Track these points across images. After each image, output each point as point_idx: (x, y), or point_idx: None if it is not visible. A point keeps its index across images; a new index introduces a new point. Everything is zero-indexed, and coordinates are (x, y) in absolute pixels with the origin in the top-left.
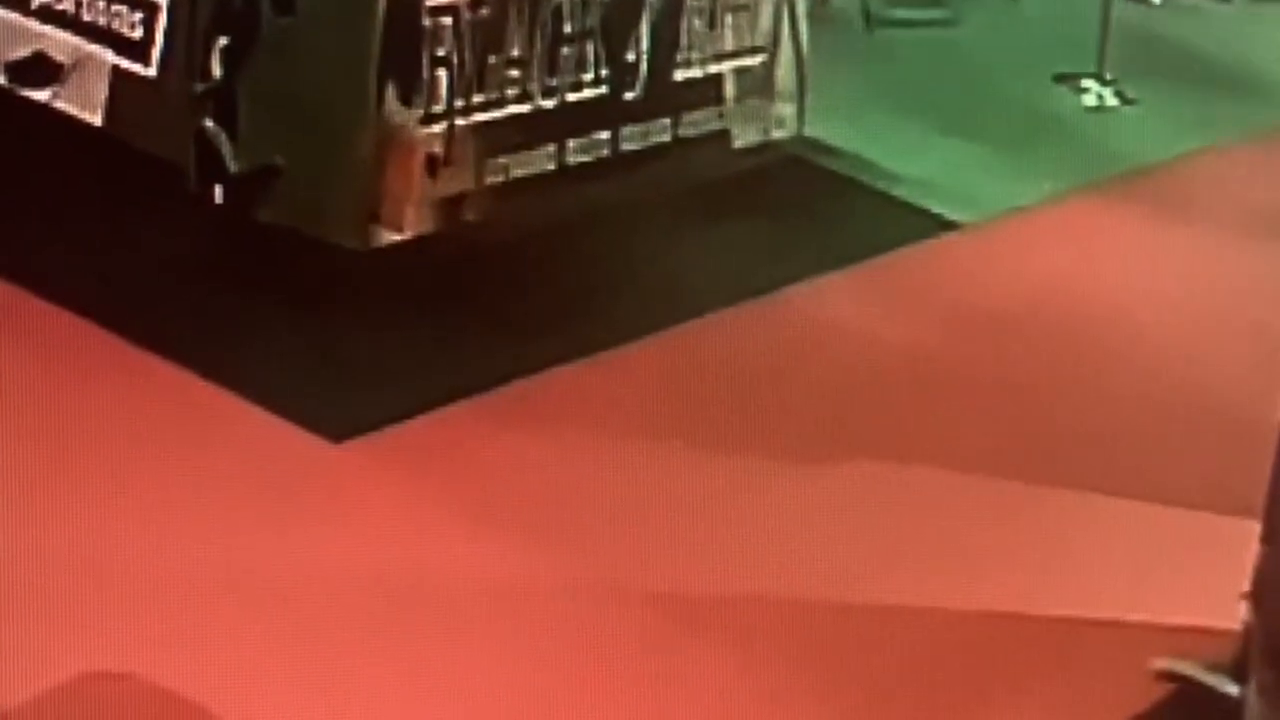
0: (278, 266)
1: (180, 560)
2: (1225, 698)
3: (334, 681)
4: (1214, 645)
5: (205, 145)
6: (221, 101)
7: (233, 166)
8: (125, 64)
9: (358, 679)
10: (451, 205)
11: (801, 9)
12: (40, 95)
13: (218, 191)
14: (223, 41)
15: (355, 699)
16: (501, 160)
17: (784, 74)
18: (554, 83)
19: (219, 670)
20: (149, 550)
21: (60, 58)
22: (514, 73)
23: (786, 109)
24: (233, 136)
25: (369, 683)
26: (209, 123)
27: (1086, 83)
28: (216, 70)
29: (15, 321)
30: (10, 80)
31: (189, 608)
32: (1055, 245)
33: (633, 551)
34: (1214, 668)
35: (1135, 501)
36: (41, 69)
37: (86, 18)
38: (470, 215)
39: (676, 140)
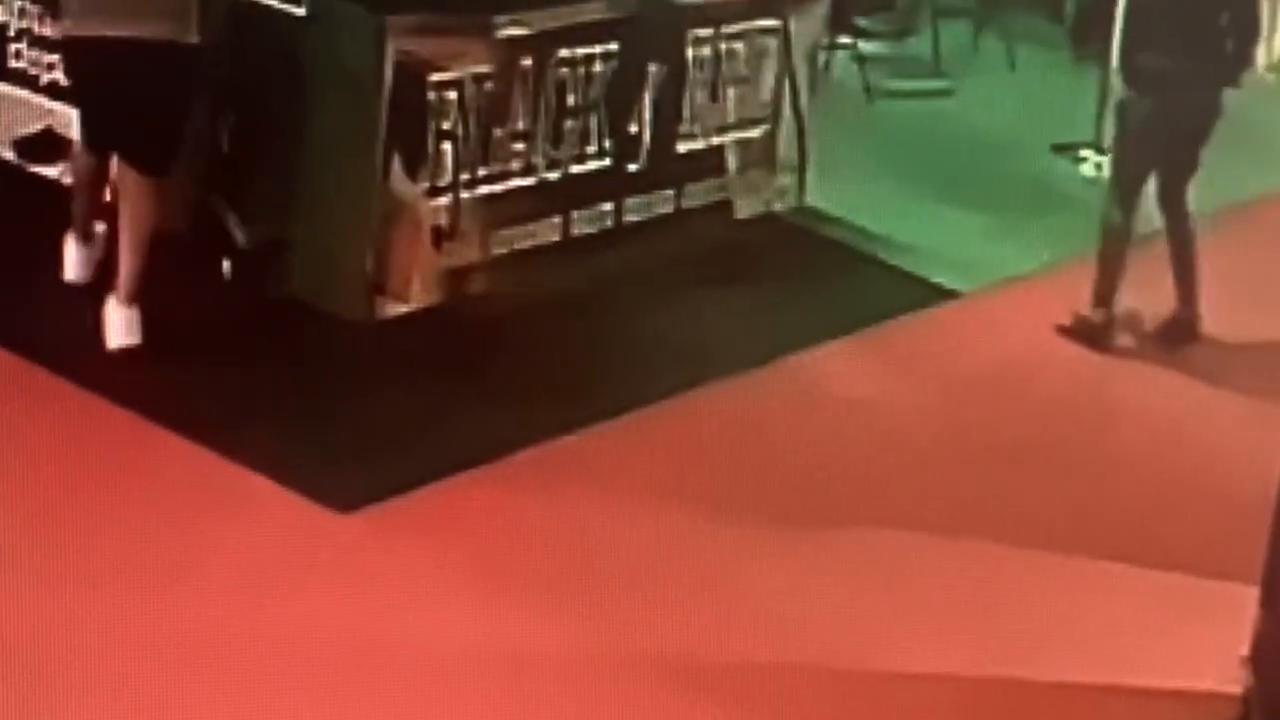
0: (284, 339)
1: (188, 629)
2: None
3: None
4: (1215, 709)
5: (212, 220)
6: (229, 177)
7: (240, 241)
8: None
9: None
10: (457, 277)
11: (803, 81)
12: (49, 171)
13: (225, 266)
14: (230, 118)
15: None
16: (506, 232)
17: (785, 145)
18: (558, 155)
19: None
20: (156, 620)
21: (69, 134)
22: (518, 146)
23: (788, 179)
24: (240, 212)
25: None
26: (216, 198)
27: (1085, 152)
28: (224, 146)
29: (22, 394)
30: (19, 156)
31: (197, 675)
32: (1054, 314)
33: (640, 619)
34: None
35: (1135, 567)
36: (50, 145)
37: None
38: (476, 287)
39: (679, 211)
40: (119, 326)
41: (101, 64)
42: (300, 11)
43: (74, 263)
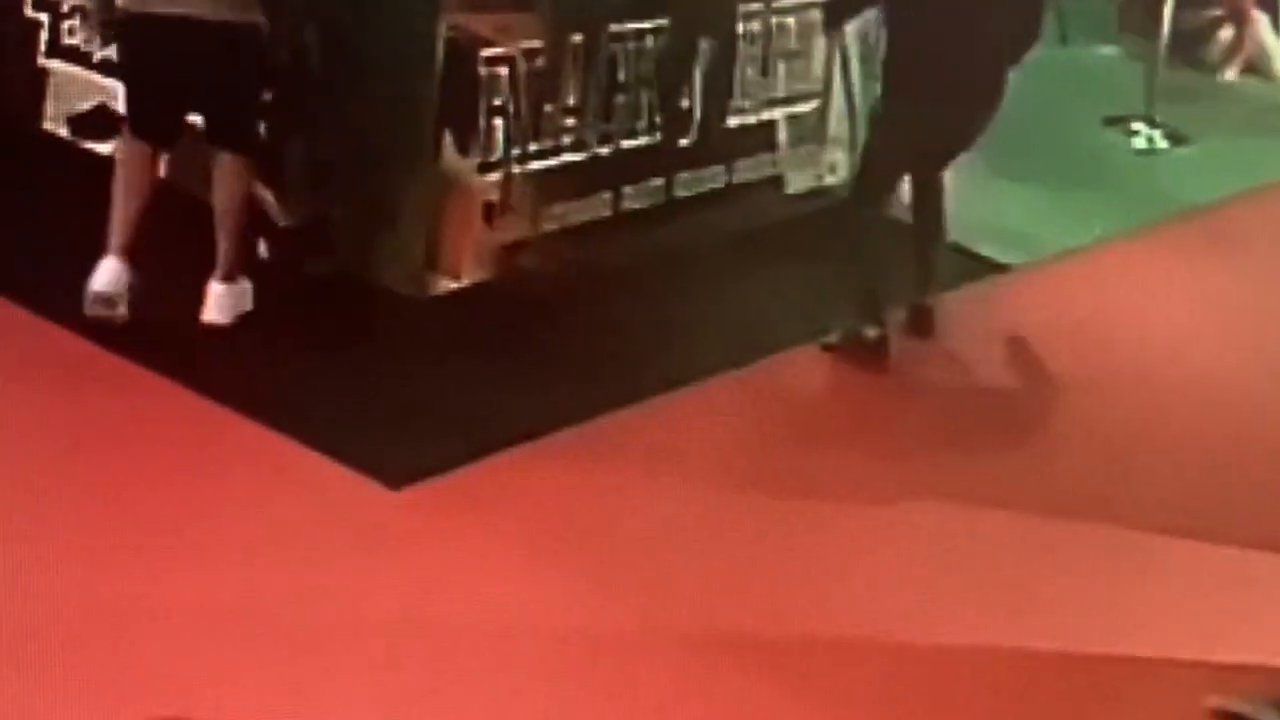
0: (338, 315)
1: (240, 604)
2: None
3: None
4: (1267, 682)
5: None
6: (265, 156)
7: (281, 221)
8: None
9: None
10: (509, 252)
11: (854, 56)
12: (102, 147)
13: (261, 246)
14: (267, 97)
15: None
16: (558, 207)
17: (836, 120)
18: (609, 130)
19: (276, 712)
20: (208, 594)
21: (122, 110)
22: (569, 121)
23: (839, 154)
24: (277, 190)
25: None
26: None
27: (1136, 125)
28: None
29: (79, 370)
30: (73, 132)
31: (249, 651)
32: (1106, 287)
33: (691, 597)
34: (1268, 704)
35: (1186, 540)
36: (103, 121)
37: None
38: (527, 262)
39: (730, 186)
40: (211, 303)
41: (160, 43)
42: None
43: (108, 278)
